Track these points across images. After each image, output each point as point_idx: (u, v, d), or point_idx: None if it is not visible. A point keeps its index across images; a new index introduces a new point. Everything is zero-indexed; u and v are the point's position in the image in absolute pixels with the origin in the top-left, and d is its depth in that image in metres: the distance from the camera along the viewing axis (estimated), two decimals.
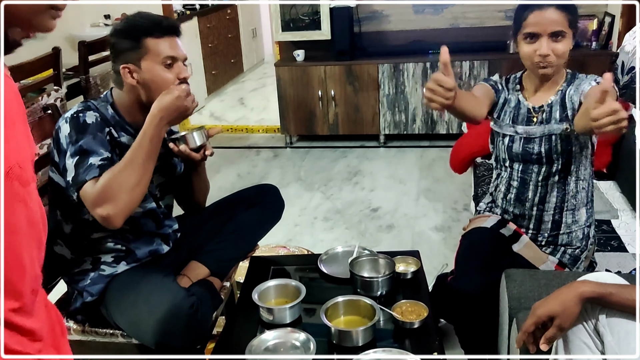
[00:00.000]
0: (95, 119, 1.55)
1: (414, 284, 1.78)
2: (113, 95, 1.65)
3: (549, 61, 1.65)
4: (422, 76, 4.19)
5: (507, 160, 1.83)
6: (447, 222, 3.23)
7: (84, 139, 1.50)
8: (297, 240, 3.09)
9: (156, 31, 1.56)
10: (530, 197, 1.79)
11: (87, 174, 1.46)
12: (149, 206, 1.69)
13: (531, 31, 1.65)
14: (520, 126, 1.77)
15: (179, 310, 1.46)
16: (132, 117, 1.63)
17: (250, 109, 5.80)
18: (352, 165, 4.14)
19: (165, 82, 1.57)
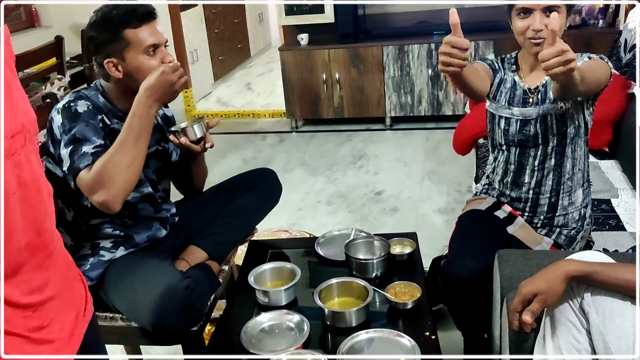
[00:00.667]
0: (87, 107, 1.56)
1: (409, 265, 1.80)
2: (102, 84, 1.66)
3: (543, 36, 1.62)
4: (427, 57, 4.17)
5: (504, 144, 1.82)
6: (450, 205, 3.23)
7: (76, 127, 1.52)
8: (299, 225, 3.11)
9: (133, 20, 1.54)
10: (527, 180, 1.79)
11: (81, 161, 1.48)
12: (146, 190, 1.71)
13: (524, 6, 1.63)
14: (517, 108, 1.76)
15: (174, 292, 1.50)
16: (123, 104, 1.64)
17: (257, 94, 5.81)
18: (357, 149, 4.14)
19: (151, 69, 1.56)
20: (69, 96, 1.61)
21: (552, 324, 1.25)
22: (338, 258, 1.83)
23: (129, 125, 1.51)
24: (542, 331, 1.28)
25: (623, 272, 1.17)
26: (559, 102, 1.69)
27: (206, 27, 5.77)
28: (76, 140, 1.51)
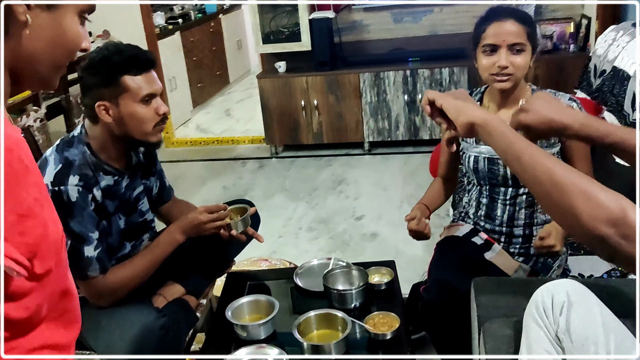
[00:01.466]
0: (78, 192, 1.53)
1: (388, 294, 1.80)
2: (87, 130, 1.63)
3: (508, 73, 1.65)
4: (402, 84, 4.22)
5: (475, 180, 1.84)
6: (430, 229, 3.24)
7: (72, 222, 1.52)
8: (281, 252, 3.10)
9: (133, 68, 1.53)
10: (499, 214, 1.80)
11: (89, 269, 1.56)
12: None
13: (490, 42, 1.65)
14: (484, 146, 1.77)
15: (150, 332, 1.49)
16: (108, 155, 1.64)
17: (236, 120, 5.82)
18: (337, 174, 4.16)
19: (144, 119, 1.57)
20: (54, 160, 1.55)
21: (529, 354, 1.26)
22: (317, 289, 1.83)
23: (151, 252, 1.69)
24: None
25: (516, 146, 1.04)
26: None
27: (184, 55, 5.79)
28: (74, 237, 1.53)
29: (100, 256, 1.58)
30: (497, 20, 1.66)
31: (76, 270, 1.55)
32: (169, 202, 1.97)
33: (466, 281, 1.67)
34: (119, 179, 1.67)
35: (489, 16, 1.70)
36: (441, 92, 1.21)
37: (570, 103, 1.69)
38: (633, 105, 2.18)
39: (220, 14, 6.89)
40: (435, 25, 4.44)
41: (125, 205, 1.71)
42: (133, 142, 1.65)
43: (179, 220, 1.72)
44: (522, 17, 1.67)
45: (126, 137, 1.61)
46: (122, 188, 1.69)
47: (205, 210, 1.70)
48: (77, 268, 1.55)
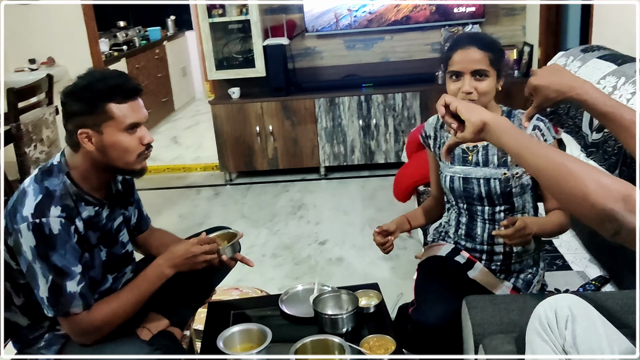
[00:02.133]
0: (60, 224, 1.45)
1: (377, 317, 1.80)
2: (67, 158, 1.56)
3: (472, 99, 1.69)
4: (357, 109, 4.29)
5: (453, 199, 1.89)
6: (394, 251, 3.21)
7: (54, 255, 1.44)
8: (246, 280, 3.04)
9: (118, 96, 1.48)
10: (479, 233, 1.84)
11: (72, 305, 1.47)
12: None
13: (455, 69, 1.71)
14: (458, 166, 1.82)
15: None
16: (89, 184, 1.57)
17: (185, 147, 5.72)
18: (296, 199, 4.15)
19: (128, 148, 1.52)
20: (34, 191, 1.48)
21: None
22: (305, 315, 1.80)
23: (137, 287, 1.59)
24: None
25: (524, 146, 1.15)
26: (502, 168, 1.76)
27: None
28: (57, 272, 1.45)
29: (84, 291, 1.50)
30: (461, 48, 1.72)
31: (58, 306, 1.47)
32: (147, 232, 1.90)
33: (454, 300, 1.69)
34: (99, 209, 1.60)
35: (455, 43, 1.76)
36: (394, 116, 1.30)
37: (539, 123, 1.76)
38: (591, 126, 2.30)
39: (164, 41, 6.81)
40: (387, 52, 4.55)
41: (106, 236, 1.64)
42: (115, 171, 1.59)
43: (168, 253, 1.64)
44: (485, 44, 1.72)
45: (108, 166, 1.55)
46: (103, 219, 1.62)
47: (198, 242, 1.64)
48: (58, 304, 1.46)
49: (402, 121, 4.27)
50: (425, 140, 1.96)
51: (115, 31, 6.16)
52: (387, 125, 4.30)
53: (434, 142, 1.93)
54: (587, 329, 1.24)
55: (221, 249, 1.72)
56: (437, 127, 1.92)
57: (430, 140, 1.94)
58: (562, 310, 1.28)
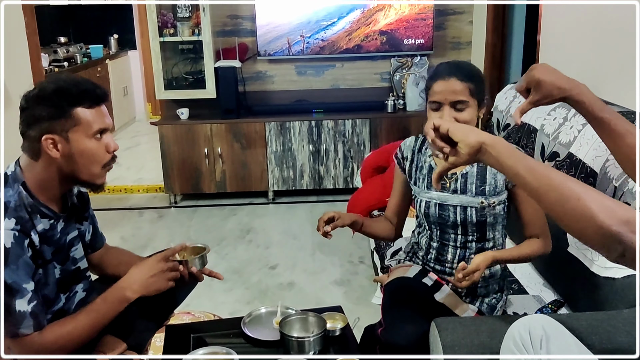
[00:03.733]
0: (13, 237, 1.37)
1: (343, 340, 1.77)
2: (23, 168, 1.47)
3: None
4: (308, 134, 4.30)
5: (426, 224, 1.89)
6: (345, 276, 3.27)
7: (5, 270, 1.35)
8: (195, 305, 2.93)
9: (87, 101, 1.44)
10: (449, 259, 1.85)
11: (21, 326, 1.38)
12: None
13: (435, 100, 1.72)
14: (435, 192, 1.82)
15: None
16: (46, 195, 1.49)
17: (126, 169, 5.54)
18: (244, 223, 4.08)
19: (95, 155, 1.47)
20: None
21: None
22: (268, 338, 1.75)
23: (96, 311, 1.51)
24: None
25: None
26: (479, 197, 1.77)
27: None
28: (6, 289, 1.35)
29: (35, 310, 1.40)
30: (441, 79, 1.72)
31: (7, 326, 1.36)
32: (102, 250, 1.81)
33: (421, 322, 1.69)
34: (54, 222, 1.51)
35: (435, 74, 1.75)
36: (344, 142, 1.26)
37: None
38: (542, 155, 2.40)
39: (107, 59, 6.63)
40: (337, 79, 4.61)
41: (60, 251, 1.54)
42: (76, 182, 1.51)
43: (130, 275, 1.56)
44: (466, 74, 1.72)
45: (71, 175, 1.48)
46: (58, 233, 1.53)
47: (162, 258, 1.57)
48: (7, 324, 1.36)
49: (352, 147, 4.31)
50: (400, 161, 1.95)
51: (56, 47, 5.95)
52: (336, 151, 4.33)
53: (409, 165, 1.92)
54: (561, 348, 1.27)
55: (190, 261, 1.65)
56: (415, 150, 1.91)
57: (406, 162, 1.92)
58: (536, 330, 1.30)
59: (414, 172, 1.91)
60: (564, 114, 2.32)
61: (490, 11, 4.05)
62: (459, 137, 1.16)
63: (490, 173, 1.78)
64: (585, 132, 2.12)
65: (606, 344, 1.46)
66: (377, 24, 4.36)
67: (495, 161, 1.13)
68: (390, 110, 4.36)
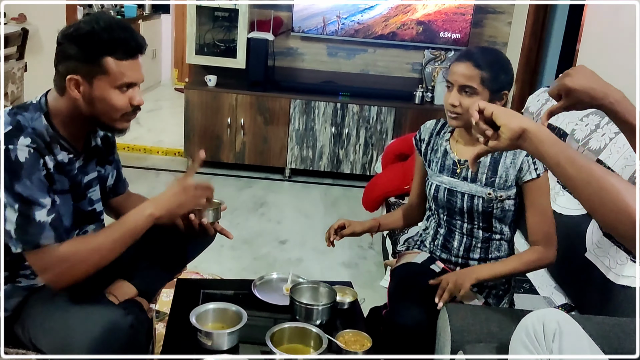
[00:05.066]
0: (28, 153, 1.34)
1: (350, 314, 1.77)
2: (48, 100, 1.46)
3: (456, 112, 1.70)
4: (332, 115, 4.29)
5: (434, 208, 1.88)
6: (354, 259, 3.27)
7: (19, 184, 1.32)
8: (203, 268, 2.96)
9: (120, 51, 1.38)
10: (455, 246, 1.84)
11: (41, 237, 1.34)
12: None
13: (448, 79, 1.73)
14: (446, 177, 1.82)
15: (118, 330, 1.33)
16: (67, 130, 1.47)
17: (147, 130, 5.56)
18: (258, 196, 4.09)
19: (115, 107, 1.43)
20: (4, 122, 1.37)
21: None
22: (278, 302, 1.76)
23: (118, 228, 1.46)
24: None
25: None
26: (488, 188, 1.76)
27: None
28: (23, 201, 1.33)
29: (55, 223, 1.37)
30: (458, 60, 1.72)
31: (26, 237, 1.33)
32: (123, 195, 1.82)
33: (428, 307, 1.68)
34: (73, 158, 1.50)
35: (459, 55, 1.77)
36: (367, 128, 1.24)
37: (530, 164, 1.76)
38: None
39: (139, 20, 6.64)
40: (367, 64, 4.58)
41: (75, 188, 1.53)
42: (97, 124, 1.50)
43: (156, 197, 1.50)
44: (485, 62, 1.69)
45: (91, 117, 1.46)
46: (75, 169, 1.52)
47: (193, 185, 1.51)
48: (26, 235, 1.33)
49: (374, 134, 4.29)
50: (417, 143, 1.95)
51: (91, 1, 5.96)
52: (358, 136, 4.31)
53: (426, 147, 1.92)
54: (574, 345, 1.25)
55: (203, 211, 1.63)
56: (434, 133, 1.91)
57: (423, 144, 1.93)
58: (551, 323, 1.29)
59: (429, 154, 1.90)
60: (596, 121, 2.29)
61: (531, 14, 3.99)
62: (502, 121, 1.15)
63: (502, 166, 1.76)
64: (617, 141, 2.09)
65: (615, 350, 1.45)
66: (415, 13, 4.33)
67: (535, 149, 1.12)
68: (418, 102, 4.33)
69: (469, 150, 1.80)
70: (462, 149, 1.83)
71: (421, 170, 1.98)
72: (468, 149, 1.82)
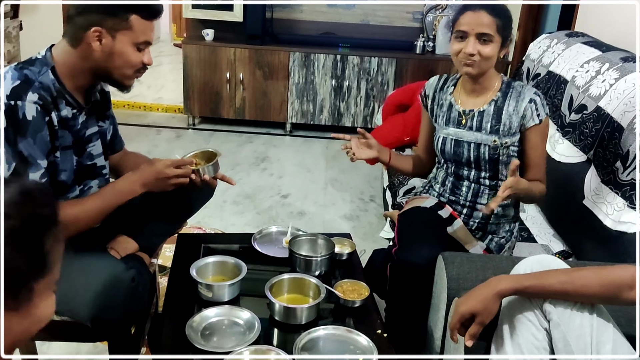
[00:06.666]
0: (35, 111, 1.38)
1: (348, 265, 1.80)
2: (54, 54, 1.48)
3: (474, 60, 1.72)
4: (332, 68, 4.24)
5: (442, 160, 1.91)
6: (355, 212, 3.29)
7: (22, 142, 1.36)
8: (206, 223, 2.99)
9: (145, 11, 1.47)
10: (463, 192, 1.87)
11: None
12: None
13: (461, 29, 1.73)
14: (452, 128, 1.86)
15: (119, 283, 1.36)
16: (74, 84, 1.49)
17: (146, 87, 5.53)
18: (259, 151, 4.09)
19: (131, 63, 1.49)
20: (11, 76, 1.39)
21: (510, 323, 1.31)
22: (277, 255, 1.78)
23: (103, 196, 1.54)
24: (499, 331, 1.33)
25: (552, 282, 1.24)
26: (494, 136, 1.79)
27: None
28: (22, 159, 1.36)
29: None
30: (470, 10, 1.74)
31: None
32: (120, 153, 1.83)
33: (436, 247, 1.70)
34: (77, 113, 1.53)
35: (464, 6, 1.77)
36: (368, 80, 1.24)
37: (535, 97, 1.78)
38: (570, 107, 2.35)
39: None
40: (367, 14, 4.50)
41: (78, 143, 1.56)
42: (106, 78, 1.53)
43: (141, 171, 1.58)
44: (495, 10, 1.74)
45: (103, 71, 1.49)
46: (78, 124, 1.54)
47: (172, 165, 1.58)
48: None
49: (375, 86, 4.25)
50: (423, 100, 1.98)
51: None
52: (359, 89, 4.28)
53: (431, 103, 1.95)
54: None
55: (201, 169, 1.66)
56: (437, 89, 1.94)
57: (428, 100, 1.96)
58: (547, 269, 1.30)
59: (435, 109, 1.94)
60: (597, 67, 2.26)
61: None
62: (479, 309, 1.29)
63: (506, 114, 1.80)
64: (617, 87, 2.07)
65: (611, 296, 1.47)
66: None
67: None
68: (419, 52, 4.27)
69: (473, 101, 1.85)
70: (466, 99, 1.86)
71: (427, 125, 2.00)
72: (472, 99, 1.85)
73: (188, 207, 1.84)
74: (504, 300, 1.33)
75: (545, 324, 1.28)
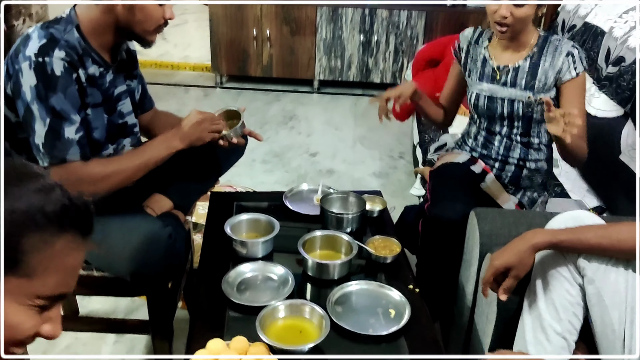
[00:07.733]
0: (63, 67, 1.38)
1: (379, 222, 1.81)
2: (78, 12, 1.48)
3: (507, 23, 1.68)
4: (360, 22, 4.16)
5: (475, 115, 1.89)
6: (384, 169, 3.29)
7: (53, 97, 1.37)
8: (236, 182, 3.02)
9: None
10: (495, 146, 1.86)
11: (68, 152, 1.40)
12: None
13: None
14: (486, 84, 1.83)
15: (158, 240, 1.40)
16: (99, 41, 1.50)
17: (173, 45, 5.50)
18: (287, 109, 4.09)
19: (152, 16, 1.49)
20: (38, 35, 1.40)
21: (543, 278, 1.31)
22: (309, 212, 1.80)
23: (141, 153, 1.55)
24: (533, 287, 1.33)
25: (587, 236, 1.24)
26: (528, 92, 1.76)
27: None
28: (55, 114, 1.38)
29: (82, 141, 1.44)
30: None
31: (54, 152, 1.40)
32: (150, 112, 1.85)
33: (469, 202, 1.69)
34: (104, 71, 1.54)
35: None
36: (397, 34, 1.20)
37: (573, 50, 1.73)
38: (607, 59, 2.28)
39: None
40: None
41: (106, 102, 1.57)
42: (129, 34, 1.54)
43: (178, 126, 1.59)
44: None
45: (125, 26, 1.49)
46: (106, 82, 1.55)
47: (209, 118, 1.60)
48: (55, 150, 1.39)
49: (404, 41, 4.17)
50: (457, 53, 1.95)
51: None
52: (388, 44, 4.20)
53: (465, 56, 1.92)
54: None
55: (227, 134, 1.67)
56: (472, 42, 1.91)
57: (462, 53, 1.93)
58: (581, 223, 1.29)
59: (469, 63, 1.90)
60: (637, 17, 2.18)
61: None
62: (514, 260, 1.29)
63: (542, 69, 1.76)
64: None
65: None
66: None
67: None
68: (449, 4, 4.16)
69: (508, 56, 1.82)
70: (501, 55, 1.84)
71: (456, 77, 1.98)
72: (507, 54, 1.83)
73: (220, 165, 1.85)
74: (537, 256, 1.33)
75: (579, 280, 1.28)
